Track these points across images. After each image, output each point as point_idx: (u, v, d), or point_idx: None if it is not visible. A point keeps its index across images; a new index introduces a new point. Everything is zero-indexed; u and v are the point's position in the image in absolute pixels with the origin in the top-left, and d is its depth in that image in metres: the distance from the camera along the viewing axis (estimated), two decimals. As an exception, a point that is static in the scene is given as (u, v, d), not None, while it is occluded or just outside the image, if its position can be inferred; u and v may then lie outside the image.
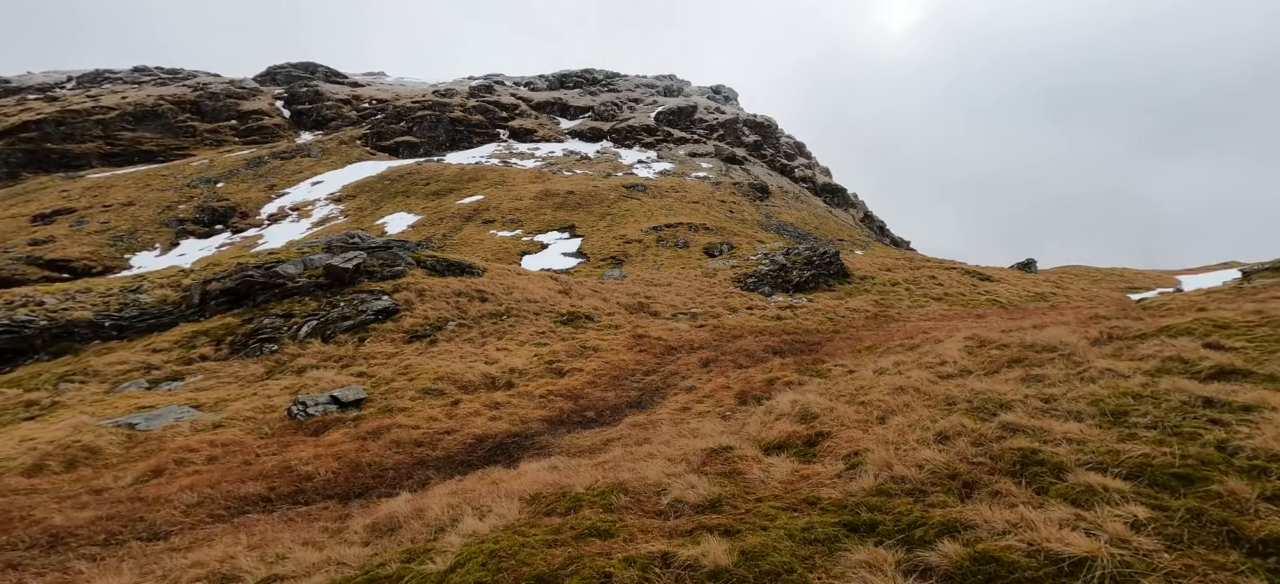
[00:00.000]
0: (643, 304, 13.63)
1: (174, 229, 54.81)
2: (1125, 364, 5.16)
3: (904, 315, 16.88)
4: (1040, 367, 5.60)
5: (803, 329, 11.81)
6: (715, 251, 28.26)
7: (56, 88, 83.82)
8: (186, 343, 9.31)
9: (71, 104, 74.34)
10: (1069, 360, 5.71)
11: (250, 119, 75.68)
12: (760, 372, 7.96)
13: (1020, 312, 18.63)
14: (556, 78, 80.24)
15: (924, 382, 5.60)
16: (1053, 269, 39.94)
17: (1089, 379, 4.82)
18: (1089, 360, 5.58)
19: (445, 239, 43.21)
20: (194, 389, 7.83)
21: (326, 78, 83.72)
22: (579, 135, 65.02)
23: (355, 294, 10.90)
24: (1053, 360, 5.79)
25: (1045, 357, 6.07)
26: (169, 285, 10.51)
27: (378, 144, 69.89)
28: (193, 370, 8.63)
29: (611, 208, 45.30)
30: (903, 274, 22.86)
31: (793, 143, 72.78)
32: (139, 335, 9.56)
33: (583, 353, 9.35)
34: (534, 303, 12.19)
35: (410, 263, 12.87)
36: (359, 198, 58.93)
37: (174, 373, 8.49)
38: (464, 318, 11.07)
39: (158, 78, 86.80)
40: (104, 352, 9.01)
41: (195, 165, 67.44)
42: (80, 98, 77.41)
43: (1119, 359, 5.61)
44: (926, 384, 5.51)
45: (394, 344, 9.80)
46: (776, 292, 16.61)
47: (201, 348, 9.26)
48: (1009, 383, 5.12)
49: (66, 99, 77.08)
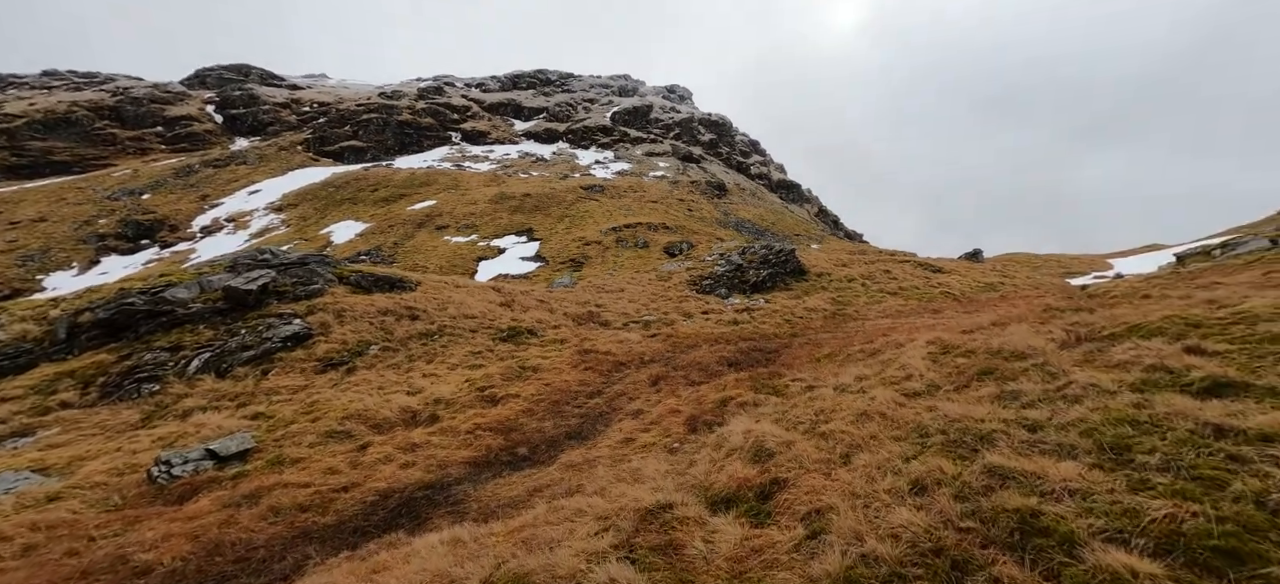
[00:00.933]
0: (592, 314, 12.74)
1: (93, 245, 50.52)
2: (1106, 376, 4.67)
3: (861, 314, 16.62)
4: (1014, 380, 5.06)
5: (760, 334, 11.21)
6: (675, 250, 27.67)
7: (-49, 94, 76.04)
8: (45, 387, 7.81)
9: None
10: (1043, 371, 5.19)
11: (178, 125, 70.61)
12: (713, 390, 7.22)
13: (974, 304, 18.74)
14: (509, 78, 78.19)
15: (890, 403, 4.98)
16: (997, 257, 41.46)
17: (1072, 398, 4.27)
18: (1065, 370, 5.09)
19: (396, 247, 41.19)
20: (45, 446, 6.45)
21: (262, 80, 79.03)
22: (534, 136, 63.44)
23: (261, 319, 9.53)
24: (1026, 372, 5.26)
25: (1016, 366, 5.55)
26: (31, 319, 8.92)
27: (321, 149, 66.37)
28: (49, 422, 7.19)
29: (570, 209, 44.31)
30: (858, 269, 22.81)
31: (747, 140, 73.30)
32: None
33: (521, 375, 8.40)
34: (471, 319, 11.11)
35: (330, 280, 11.50)
36: (301, 206, 55.80)
37: (22, 427, 7.01)
38: (389, 340, 9.90)
39: (71, 82, 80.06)
40: (-63, 403, 7.46)
41: (117, 176, 62.45)
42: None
43: (1096, 367, 5.14)
44: (892, 407, 4.89)
45: (304, 375, 8.57)
46: (733, 293, 16.06)
47: (64, 392, 7.78)
48: (984, 404, 4.53)
49: (-38, 106, 69.98)
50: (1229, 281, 11.43)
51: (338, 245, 43.79)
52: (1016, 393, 4.76)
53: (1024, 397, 4.64)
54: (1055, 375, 5.06)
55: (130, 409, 7.56)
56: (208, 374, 8.34)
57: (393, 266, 36.13)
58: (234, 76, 77.09)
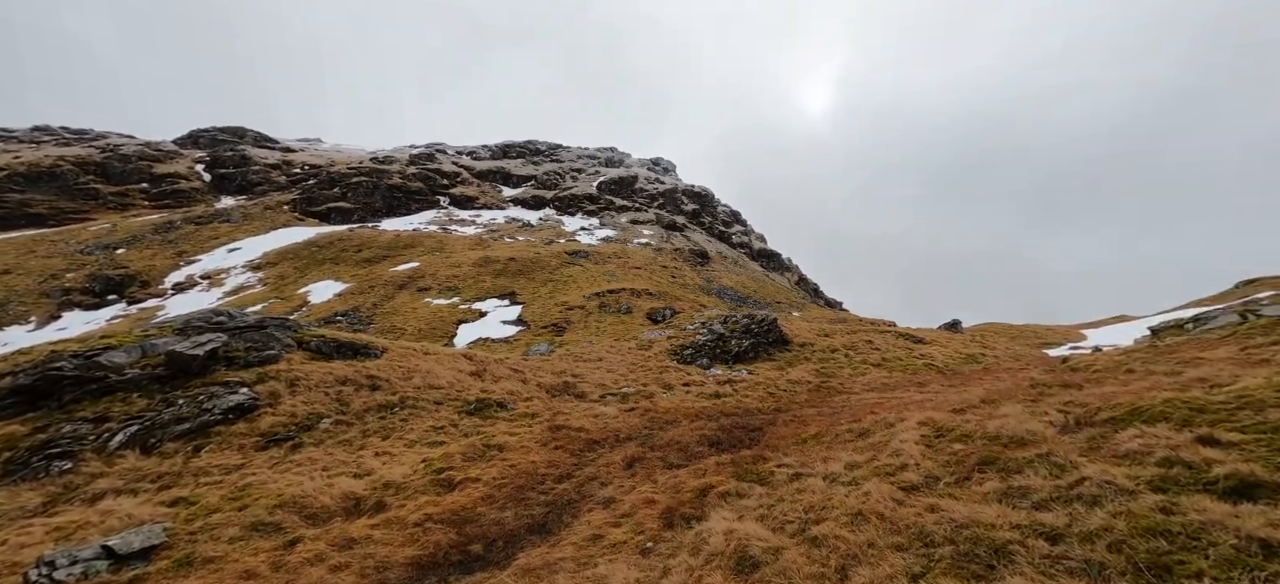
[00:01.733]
0: (568, 384, 12.09)
1: (57, 300, 48.62)
2: (1119, 470, 4.24)
3: (846, 386, 16.23)
4: (1019, 472, 4.61)
5: (742, 409, 10.66)
6: (659, 316, 27.34)
7: (-67, 146, 75.55)
8: (-64, 464, 6.87)
9: (-52, 164, 66.89)
10: (1049, 463, 4.76)
11: (164, 183, 70.48)
12: (693, 476, 6.60)
13: (959, 377, 18.50)
14: (500, 147, 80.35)
15: (887, 500, 4.45)
16: (975, 327, 42.07)
17: (1089, 499, 3.81)
18: (1072, 461, 4.66)
19: (375, 309, 40.28)
20: (-85, 537, 5.51)
21: (256, 142, 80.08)
22: (522, 203, 64.37)
23: (205, 387, 8.72)
24: (1031, 464, 4.80)
25: (1019, 455, 5.10)
26: (-58, 383, 8.03)
27: (308, 209, 66.39)
28: (-71, 506, 6.23)
29: (554, 274, 44.18)
30: (841, 339, 22.67)
31: (729, 211, 75.29)
32: None
33: (484, 454, 7.67)
34: (438, 389, 10.39)
35: (288, 345, 10.76)
36: (281, 265, 54.92)
37: (-105, 512, 6.06)
38: (344, 413, 9.10)
39: (61, 138, 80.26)
40: None
41: (93, 230, 61.30)
42: (-39, 158, 69.93)
43: (1105, 458, 4.71)
44: (890, 505, 4.36)
45: (242, 453, 7.70)
46: (715, 363, 15.58)
47: (-42, 470, 6.84)
48: (991, 503, 4.04)
49: (-56, 159, 69.41)
50: (1211, 357, 11.33)
51: (315, 305, 42.70)
52: (1025, 489, 4.27)
53: (1033, 494, 4.14)
54: (1063, 467, 4.60)
55: (33, 491, 6.62)
56: (132, 450, 7.45)
57: (370, 328, 35.12)
58: (228, 138, 78.07)
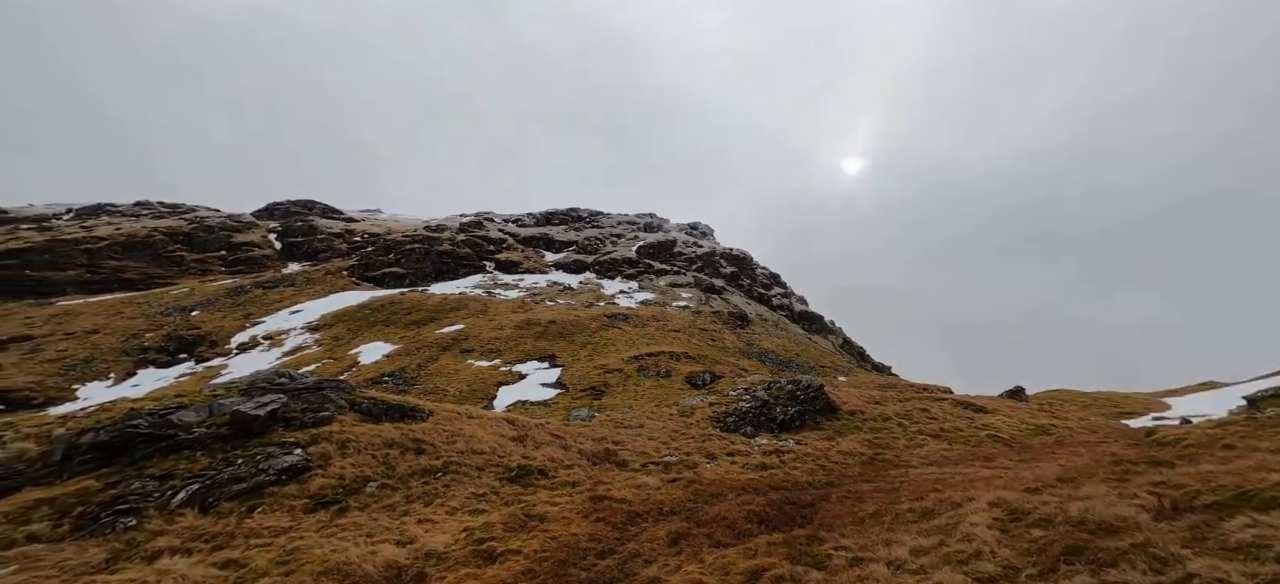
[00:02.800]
0: (609, 452, 11.86)
1: (134, 358, 52.33)
2: (1232, 566, 3.72)
3: (903, 459, 15.25)
4: (1113, 566, 4.07)
5: (792, 482, 10.12)
6: (699, 381, 26.85)
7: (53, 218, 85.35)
8: (19, 516, 7.30)
9: (62, 234, 75.11)
10: (1147, 555, 4.21)
11: (240, 250, 76.66)
12: (742, 555, 6.23)
13: (1030, 451, 17.12)
14: (543, 215, 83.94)
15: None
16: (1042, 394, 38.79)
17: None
18: (1175, 554, 4.11)
19: (420, 370, 41.40)
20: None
21: (323, 213, 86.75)
22: (563, 267, 66.20)
23: (262, 448, 9.07)
24: (1126, 556, 4.26)
25: (1111, 545, 4.55)
26: (35, 437, 8.70)
27: (364, 274, 70.38)
28: (9, 558, 6.57)
29: (593, 337, 44.48)
30: (893, 407, 21.53)
31: (768, 273, 74.88)
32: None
33: (525, 525, 7.52)
34: (480, 454, 10.39)
35: (341, 406, 11.16)
36: (336, 327, 57.68)
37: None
38: (390, 476, 9.20)
39: (157, 211, 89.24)
40: (-91, 529, 6.98)
41: (174, 293, 66.58)
42: (73, 228, 78.52)
43: (1213, 552, 4.14)
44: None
45: (292, 515, 7.85)
46: (760, 432, 15.00)
47: (37, 523, 7.23)
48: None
49: (59, 229, 78.09)
50: None
51: (364, 365, 44.28)
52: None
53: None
54: (1164, 561, 4.06)
55: (98, 547, 6.92)
56: (192, 508, 7.73)
57: (415, 389, 35.98)
58: (299, 209, 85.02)
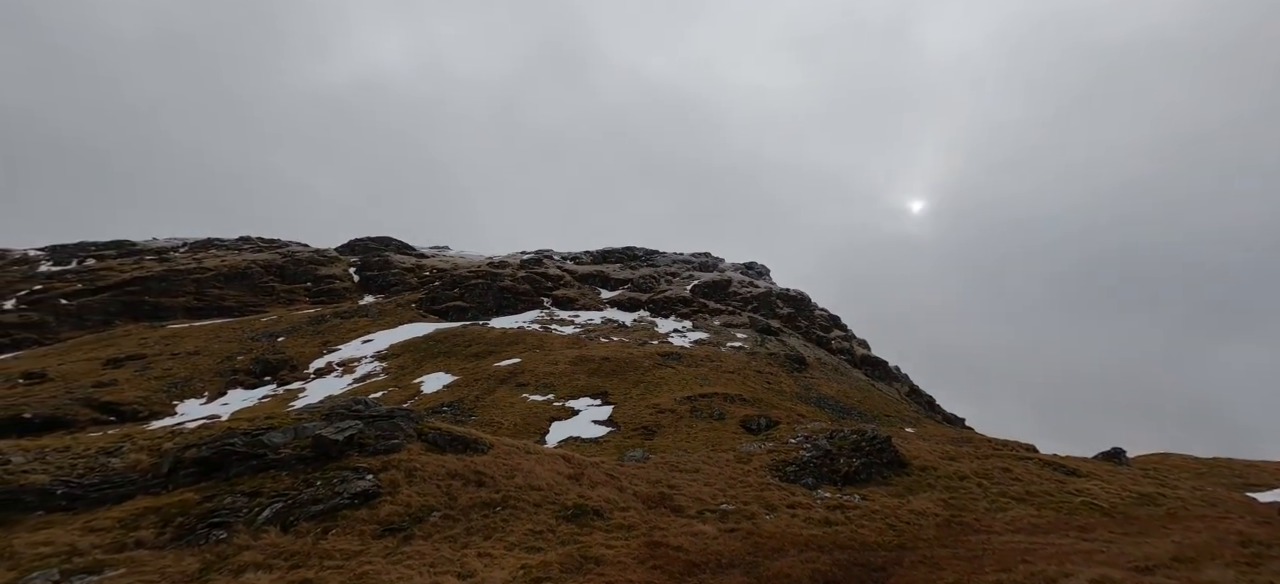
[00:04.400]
0: (664, 496, 11.59)
1: (226, 378, 56.92)
2: None
3: (984, 524, 13.93)
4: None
5: (859, 542, 9.45)
6: (754, 426, 25.95)
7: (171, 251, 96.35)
8: (130, 522, 8.08)
9: (177, 264, 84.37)
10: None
11: (323, 282, 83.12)
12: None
13: (1134, 523, 15.23)
14: (600, 253, 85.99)
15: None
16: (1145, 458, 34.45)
17: None
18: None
19: (477, 401, 42.54)
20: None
21: (397, 249, 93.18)
22: (618, 304, 66.99)
23: (339, 471, 9.60)
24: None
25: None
26: (147, 449, 9.67)
27: (431, 307, 74.21)
28: (119, 561, 7.24)
29: (645, 375, 44.24)
30: (969, 465, 19.82)
31: (827, 315, 72.32)
32: (88, 507, 8.43)
33: (581, 567, 7.43)
34: (537, 490, 10.47)
35: (410, 435, 11.65)
36: (403, 357, 60.59)
37: (95, 562, 7.10)
38: (452, 507, 9.43)
39: (256, 245, 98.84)
40: (42, 525, 7.84)
41: (264, 320, 72.68)
42: (186, 259, 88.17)
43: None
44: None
45: (361, 539, 8.18)
46: (821, 484, 14.17)
47: (144, 529, 7.95)
48: None
49: (175, 260, 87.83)
50: None
51: (426, 394, 46.04)
52: None
53: None
54: None
55: (194, 556, 7.49)
56: (275, 525, 8.25)
57: (472, 420, 36.98)
58: (376, 245, 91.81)
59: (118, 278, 74.79)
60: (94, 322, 67.54)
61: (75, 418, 38.29)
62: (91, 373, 51.06)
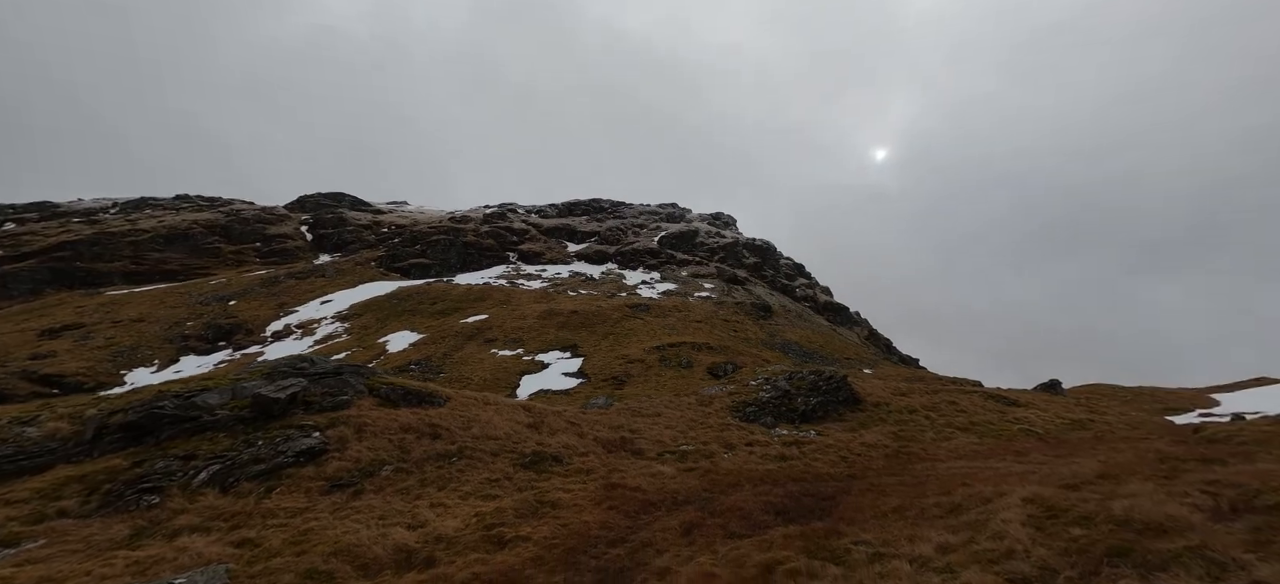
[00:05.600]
0: (625, 440, 11.71)
1: (176, 345, 54.42)
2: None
3: (930, 453, 14.69)
4: (1163, 571, 3.66)
5: (812, 474, 9.79)
6: (720, 371, 26.55)
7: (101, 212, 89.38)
8: (51, 492, 7.59)
9: (109, 227, 78.51)
10: (1204, 559, 3.78)
11: (274, 242, 78.99)
12: (757, 548, 5.98)
13: (1065, 446, 16.33)
14: (565, 206, 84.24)
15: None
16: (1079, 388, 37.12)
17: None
18: (1236, 560, 3.68)
19: (446, 358, 42.06)
20: (22, 561, 5.98)
21: (352, 206, 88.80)
22: (585, 258, 66.32)
23: (282, 430, 9.23)
24: (1179, 559, 3.84)
25: (1161, 548, 4.12)
26: (67, 417, 9.05)
27: (392, 265, 71.82)
28: (39, 532, 6.81)
29: (615, 327, 44.50)
30: (919, 399, 20.82)
31: (792, 264, 73.62)
32: (4, 480, 7.86)
33: (537, 511, 7.43)
34: (495, 440, 10.38)
35: (360, 391, 11.28)
36: (365, 316, 59.01)
37: (12, 535, 6.63)
38: (405, 460, 9.25)
39: (196, 204, 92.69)
40: (-51, 503, 7.31)
41: (212, 284, 69.09)
42: (119, 222, 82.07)
43: None
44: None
45: (308, 496, 7.95)
46: (780, 422, 14.62)
47: (67, 499, 7.48)
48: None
49: (106, 222, 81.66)
50: None
51: (391, 354, 45.17)
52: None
53: None
54: (1223, 566, 3.63)
55: (123, 523, 7.12)
56: (213, 488, 7.90)
57: (440, 377, 36.57)
58: (329, 202, 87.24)
59: (43, 242, 69.22)
60: (21, 291, 62.72)
61: (14, 392, 35.93)
62: (25, 345, 47.80)
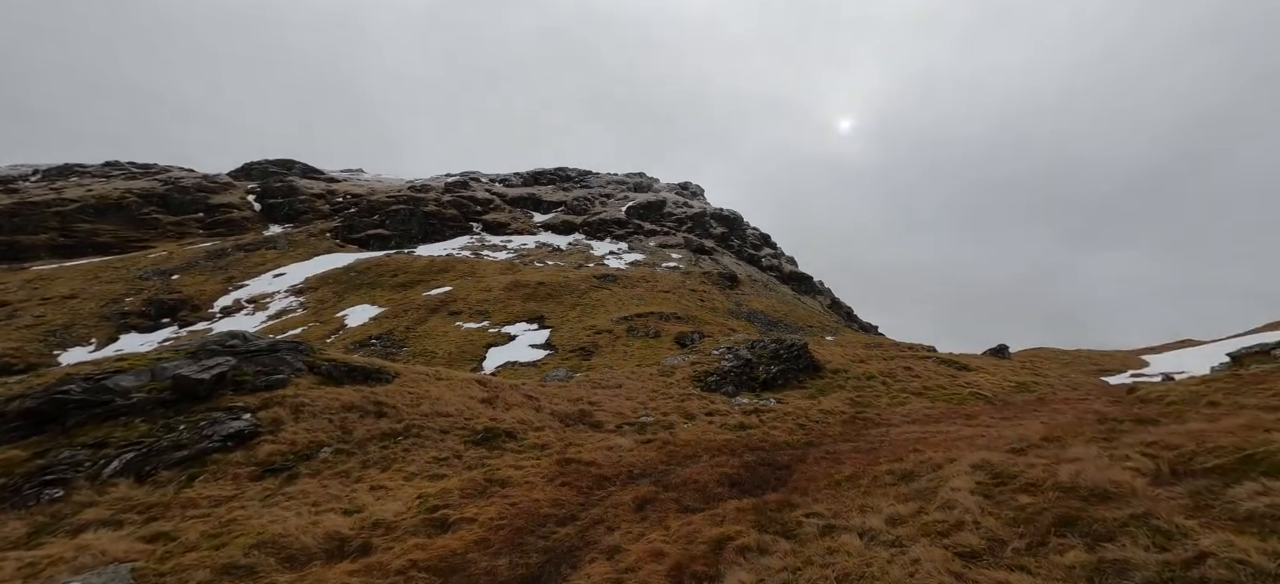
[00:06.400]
0: (584, 413, 11.43)
1: (115, 323, 51.28)
2: (1248, 541, 3.25)
3: (885, 418, 15.03)
4: (1110, 540, 3.61)
5: (770, 442, 9.76)
6: (687, 340, 26.57)
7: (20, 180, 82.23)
8: (-67, 489, 6.78)
9: (31, 196, 72.42)
10: (1149, 526, 3.76)
11: (218, 212, 74.47)
12: (709, 522, 5.82)
13: (1011, 409, 16.97)
14: (531, 175, 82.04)
15: (941, 571, 3.54)
16: (1024, 353, 39.44)
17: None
18: (1180, 527, 3.66)
19: (408, 332, 40.93)
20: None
21: (303, 174, 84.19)
22: (551, 228, 65.04)
23: (208, 413, 8.49)
24: (1126, 528, 3.81)
25: (1107, 516, 4.11)
26: (-43, 405, 8.10)
27: (348, 236, 68.91)
28: (-84, 534, 6.06)
29: (582, 298, 44.10)
30: (877, 365, 21.33)
31: (758, 234, 74.19)
32: (-123, 478, 6.99)
33: (485, 490, 7.09)
34: (445, 416, 9.91)
35: (299, 369, 10.54)
36: (321, 290, 56.79)
37: (-119, 541, 5.89)
38: (346, 441, 8.70)
39: (129, 172, 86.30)
40: None
41: (152, 257, 64.99)
42: (42, 190, 75.75)
43: (1223, 525, 3.68)
44: (946, 576, 3.48)
45: (236, 483, 7.35)
46: (741, 391, 14.65)
47: (-47, 496, 6.72)
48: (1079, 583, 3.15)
49: (27, 191, 75.28)
50: None
51: (351, 328, 43.70)
52: (1123, 565, 3.30)
53: (1136, 573, 3.17)
54: (1168, 534, 3.60)
55: (19, 521, 6.41)
56: (127, 478, 7.22)
57: (403, 352, 35.52)
58: (278, 169, 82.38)
59: (-49, 213, 63.39)
60: (-72, 266, 57.54)
61: (-80, 376, 33.12)
62: (-65, 325, 44.03)
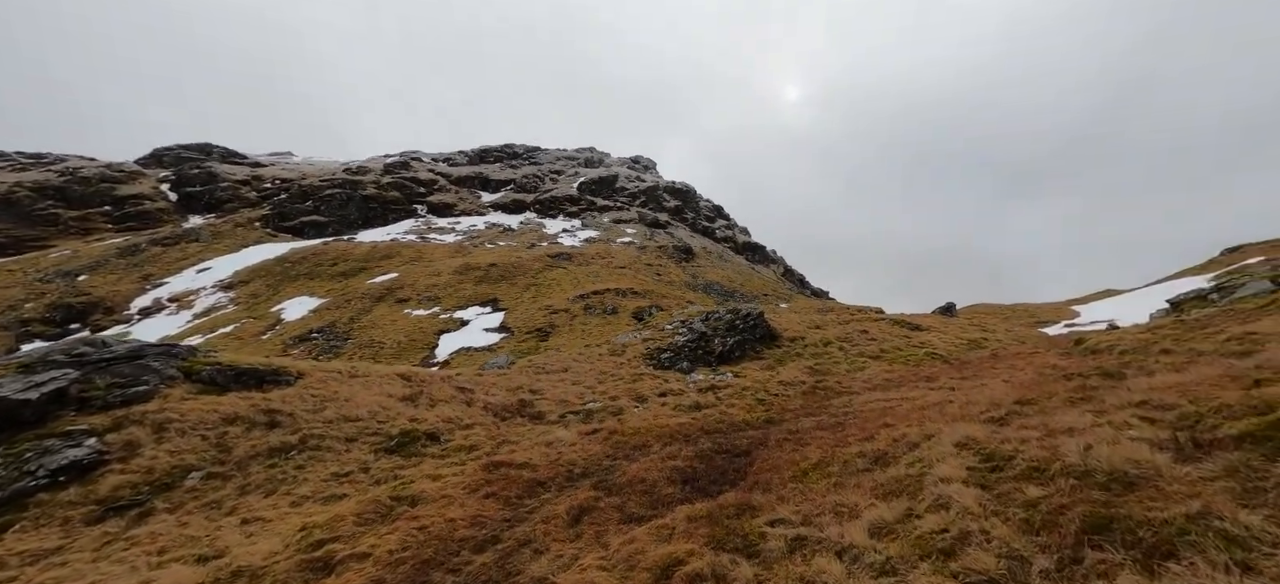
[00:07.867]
0: (524, 403, 10.17)
1: (15, 331, 46.19)
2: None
3: (846, 386, 14.49)
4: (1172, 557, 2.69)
5: (727, 422, 8.84)
6: (644, 314, 25.64)
7: (-122, 176, 72.28)
8: None
9: (-107, 194, 63.92)
10: (1213, 532, 2.85)
11: (128, 204, 67.77)
12: (655, 539, 4.74)
13: (968, 366, 16.82)
14: (477, 153, 78.29)
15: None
16: (967, 309, 41.23)
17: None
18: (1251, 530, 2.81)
19: (352, 323, 38.43)
20: None
21: (223, 158, 77.56)
22: (501, 208, 62.37)
23: (36, 441, 6.74)
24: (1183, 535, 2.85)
25: (1147, 515, 3.19)
26: None
27: (280, 224, 64.10)
28: None
29: (537, 278, 42.63)
30: (833, 330, 21.05)
31: (711, 206, 73.81)
32: None
33: (389, 513, 5.77)
34: (354, 421, 8.44)
35: (170, 376, 8.76)
36: (253, 283, 52.92)
37: None
38: (223, 462, 7.13)
39: (16, 163, 77.36)
40: None
41: (53, 257, 58.75)
42: (-89, 187, 66.93)
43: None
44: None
45: (65, 529, 5.75)
46: (697, 366, 13.70)
47: None
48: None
49: (-112, 188, 66.41)
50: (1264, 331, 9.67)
51: (289, 322, 40.95)
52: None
53: None
54: (1245, 545, 2.71)
55: None
56: (-96, 537, 5.54)
57: (348, 344, 33.11)
58: (194, 155, 75.49)
59: None
60: None
61: None
62: None
